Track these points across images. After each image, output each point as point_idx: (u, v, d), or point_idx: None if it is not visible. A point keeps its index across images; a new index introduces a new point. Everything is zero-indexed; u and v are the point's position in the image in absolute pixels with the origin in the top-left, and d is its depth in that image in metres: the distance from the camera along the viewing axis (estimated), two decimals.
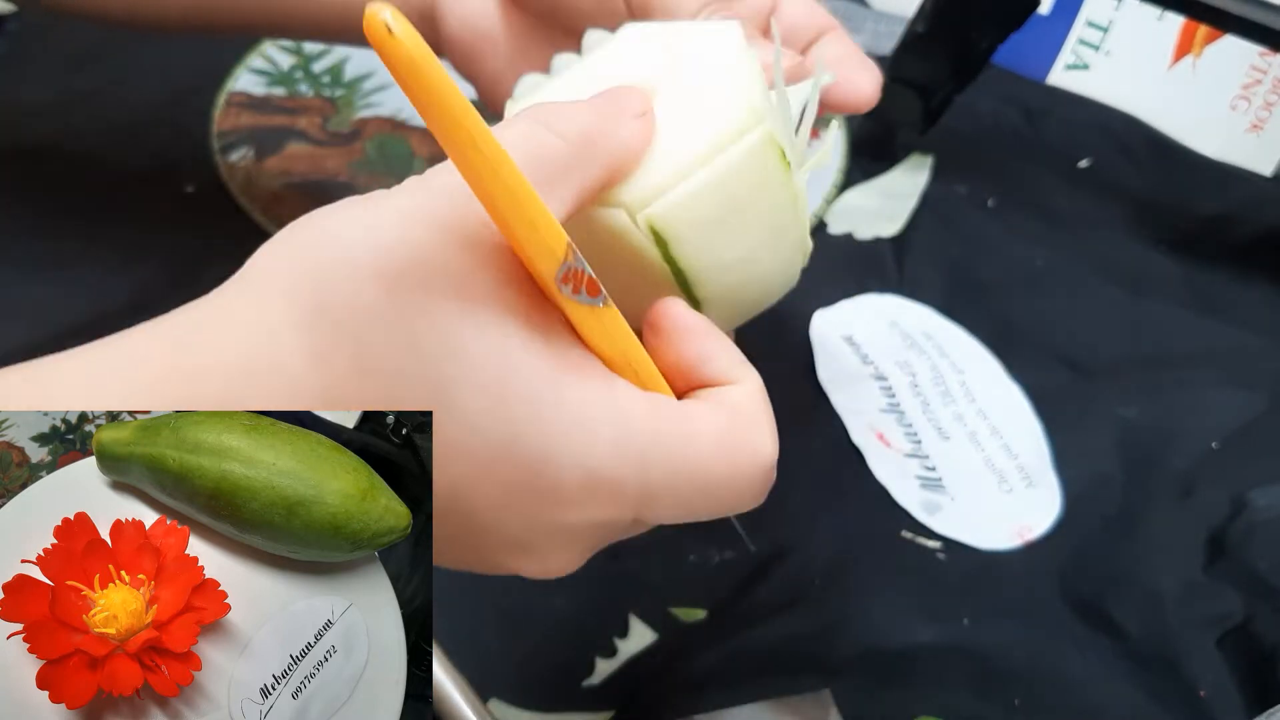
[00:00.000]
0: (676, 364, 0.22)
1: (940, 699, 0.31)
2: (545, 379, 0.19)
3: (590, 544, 0.21)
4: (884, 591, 0.33)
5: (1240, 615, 0.33)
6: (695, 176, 0.22)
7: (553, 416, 0.19)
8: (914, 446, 0.38)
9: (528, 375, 0.19)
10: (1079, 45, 0.53)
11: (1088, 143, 0.50)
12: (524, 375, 0.19)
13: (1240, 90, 0.51)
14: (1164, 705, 0.31)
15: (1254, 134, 0.51)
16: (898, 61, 0.44)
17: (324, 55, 0.53)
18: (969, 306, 0.43)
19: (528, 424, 0.18)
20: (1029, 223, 0.46)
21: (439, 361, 0.18)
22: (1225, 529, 0.35)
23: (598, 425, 0.19)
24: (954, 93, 0.45)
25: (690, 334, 0.21)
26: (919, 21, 0.43)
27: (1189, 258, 0.45)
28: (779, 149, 0.24)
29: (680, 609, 0.33)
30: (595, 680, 0.31)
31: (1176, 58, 0.52)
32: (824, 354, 0.40)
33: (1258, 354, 0.41)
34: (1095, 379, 0.40)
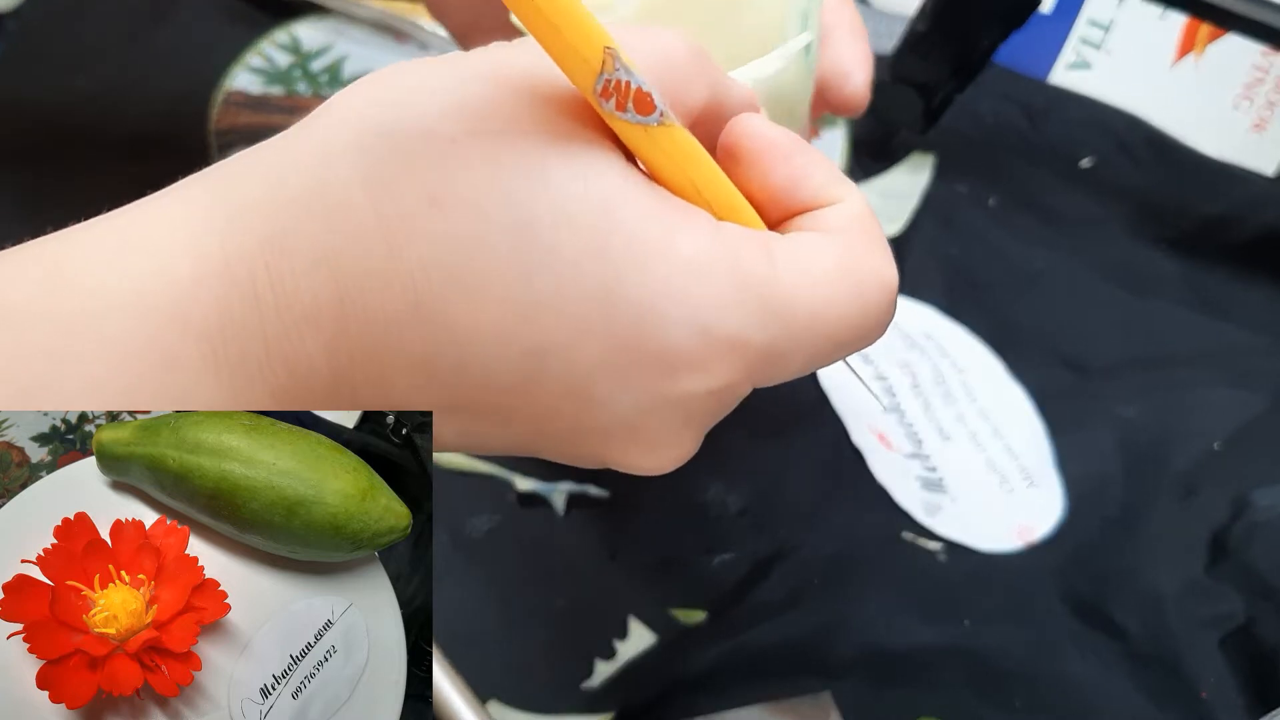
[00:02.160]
0: (765, 190, 0.18)
1: (941, 700, 0.31)
2: (651, 220, 0.16)
3: (705, 420, 0.18)
4: (885, 592, 0.33)
5: (1242, 616, 0.33)
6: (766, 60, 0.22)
7: (660, 264, 0.16)
8: (915, 447, 0.38)
9: (631, 216, 0.16)
10: (1080, 44, 0.53)
11: (1089, 142, 0.50)
12: (626, 216, 0.16)
13: (1242, 89, 0.51)
14: (1165, 706, 0.31)
15: (1256, 133, 0.51)
16: (898, 61, 0.44)
17: (322, 54, 0.53)
18: (970, 306, 0.43)
19: (632, 271, 0.16)
20: (1030, 222, 0.46)
21: (527, 193, 0.15)
22: (1227, 529, 0.35)
23: (712, 273, 0.16)
24: (955, 92, 0.45)
25: (777, 152, 0.18)
26: (920, 20, 0.43)
27: (1191, 257, 0.45)
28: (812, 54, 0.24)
29: (680, 610, 0.33)
30: (594, 682, 0.31)
31: (1178, 57, 0.51)
32: None
33: (1259, 354, 0.41)
34: (1096, 379, 0.40)
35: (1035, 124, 0.51)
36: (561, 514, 0.35)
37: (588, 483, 0.36)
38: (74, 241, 0.16)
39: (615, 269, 0.16)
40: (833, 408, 0.39)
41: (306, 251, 0.15)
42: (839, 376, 0.40)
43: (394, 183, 0.15)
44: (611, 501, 0.35)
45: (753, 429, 0.38)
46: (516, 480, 0.36)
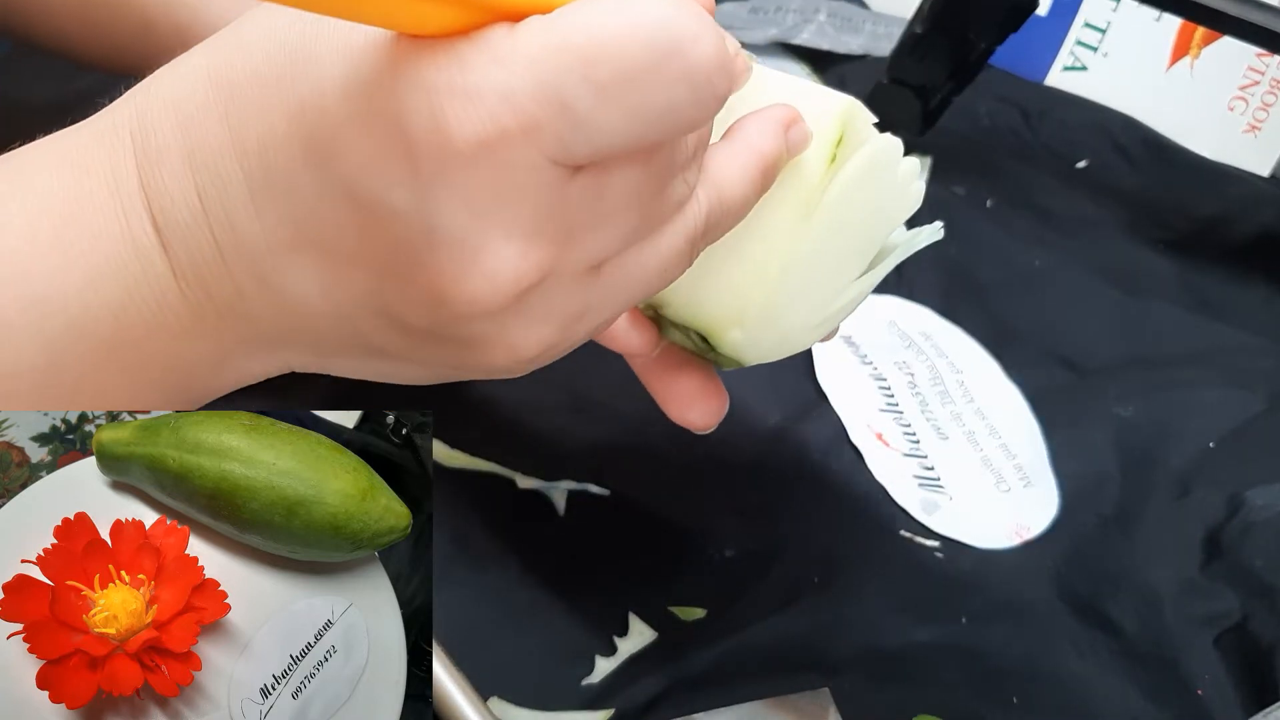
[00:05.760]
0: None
1: (938, 697, 0.31)
2: (403, 45, 0.17)
3: (540, 216, 0.18)
4: (883, 590, 0.33)
5: (1237, 614, 0.33)
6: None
7: (426, 69, 0.16)
8: (912, 446, 0.38)
9: (389, 43, 0.17)
10: (1077, 47, 0.53)
11: (1085, 144, 0.50)
12: (385, 43, 0.17)
13: (1237, 91, 0.51)
14: (1161, 703, 0.31)
15: (1251, 135, 0.51)
16: (896, 62, 0.44)
17: None
18: (967, 307, 0.43)
19: (410, 83, 0.16)
20: (1027, 223, 0.46)
21: (301, 32, 0.18)
22: (1222, 528, 0.35)
23: (471, 59, 0.16)
24: (952, 94, 0.45)
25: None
26: (917, 22, 0.43)
27: (1186, 258, 0.46)
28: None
29: (680, 607, 0.33)
30: (595, 678, 0.31)
31: (1174, 59, 0.52)
32: (823, 354, 0.40)
33: (1254, 354, 0.42)
34: (1092, 378, 0.41)
35: (1032, 126, 0.51)
36: (562, 512, 0.35)
37: (588, 481, 0.36)
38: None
39: (392, 89, 0.17)
40: (831, 407, 0.39)
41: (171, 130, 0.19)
42: (838, 377, 0.40)
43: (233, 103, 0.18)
44: (612, 500, 0.35)
45: (752, 428, 0.38)
46: (517, 479, 0.36)
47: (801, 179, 0.23)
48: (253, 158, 0.18)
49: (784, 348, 0.25)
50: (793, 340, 0.25)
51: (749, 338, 0.24)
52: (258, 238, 0.18)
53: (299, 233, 0.18)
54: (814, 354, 0.40)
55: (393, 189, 0.17)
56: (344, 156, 0.17)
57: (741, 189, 0.21)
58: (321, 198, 0.18)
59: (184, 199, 0.19)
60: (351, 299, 0.19)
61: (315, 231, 0.18)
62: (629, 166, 0.18)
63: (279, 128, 0.18)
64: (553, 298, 0.19)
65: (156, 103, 0.19)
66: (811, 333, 0.25)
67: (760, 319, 0.24)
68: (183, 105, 0.19)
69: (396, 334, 0.19)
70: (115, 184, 0.19)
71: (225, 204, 0.18)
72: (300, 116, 0.18)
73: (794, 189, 0.23)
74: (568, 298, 0.19)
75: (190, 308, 0.19)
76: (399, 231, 0.18)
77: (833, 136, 0.23)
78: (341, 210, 0.18)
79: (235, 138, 0.18)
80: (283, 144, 0.18)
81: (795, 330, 0.25)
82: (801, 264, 0.24)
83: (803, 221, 0.23)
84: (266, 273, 0.19)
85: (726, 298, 0.24)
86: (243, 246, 0.19)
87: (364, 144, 0.17)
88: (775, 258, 0.24)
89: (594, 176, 0.18)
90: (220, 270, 0.19)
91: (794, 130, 0.22)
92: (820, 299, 0.25)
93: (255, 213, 0.18)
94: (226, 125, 0.18)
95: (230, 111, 0.18)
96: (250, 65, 0.18)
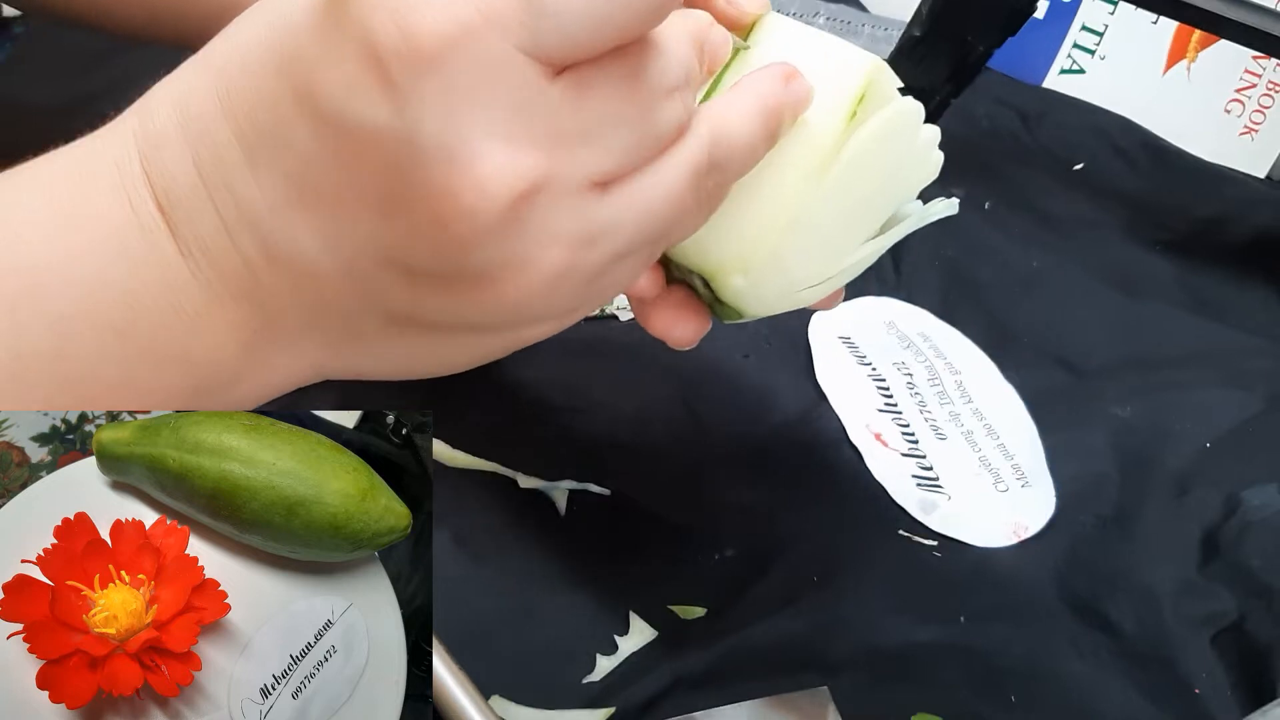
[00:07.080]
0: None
1: (937, 696, 0.31)
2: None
3: (516, 115, 0.18)
4: (881, 589, 0.34)
5: (1234, 614, 0.33)
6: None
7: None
8: (911, 446, 0.38)
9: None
10: (1074, 50, 0.54)
11: (1083, 146, 0.51)
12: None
13: (1234, 94, 0.51)
14: (1159, 702, 0.31)
15: (1247, 137, 0.51)
16: (894, 65, 0.44)
17: None
18: (965, 308, 0.43)
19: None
20: (1025, 225, 0.47)
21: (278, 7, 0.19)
22: (1219, 528, 0.35)
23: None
24: (951, 96, 0.45)
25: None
26: (916, 25, 0.43)
27: (1183, 259, 0.46)
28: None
29: (680, 607, 0.33)
30: (596, 677, 0.31)
31: (1171, 62, 0.52)
32: (822, 355, 0.40)
33: (1252, 354, 0.42)
34: (1090, 379, 0.41)
35: (1030, 128, 0.51)
36: (563, 512, 0.35)
37: (589, 481, 0.36)
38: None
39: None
40: (830, 407, 0.39)
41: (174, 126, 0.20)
42: (837, 377, 0.40)
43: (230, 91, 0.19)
44: (613, 500, 0.36)
45: (752, 428, 0.38)
46: (519, 479, 0.36)
47: (821, 133, 0.23)
48: (243, 119, 0.19)
49: (785, 301, 0.25)
50: (795, 294, 0.25)
51: (752, 286, 0.24)
52: (257, 200, 0.19)
53: (296, 186, 0.19)
54: (814, 354, 0.40)
55: (373, 108, 0.17)
56: (324, 90, 0.18)
57: (743, 129, 0.21)
58: (310, 140, 0.18)
59: (183, 174, 0.19)
60: (355, 247, 0.19)
61: (311, 180, 0.18)
62: (608, 72, 0.18)
63: (265, 86, 0.18)
64: (553, 213, 0.18)
65: (156, 94, 0.20)
66: (814, 290, 0.25)
67: (765, 268, 0.24)
68: (177, 88, 0.20)
69: (407, 286, 0.19)
70: (119, 170, 0.19)
71: (222, 171, 0.19)
72: (281, 69, 0.18)
73: (812, 143, 0.23)
74: (571, 215, 0.19)
75: (201, 287, 0.19)
76: (387, 155, 0.18)
77: (855, 93, 0.23)
78: (331, 147, 0.18)
79: (226, 105, 0.19)
80: (269, 100, 0.18)
81: (799, 284, 0.25)
82: (812, 217, 0.23)
83: (818, 175, 0.23)
84: (270, 236, 0.19)
85: (734, 244, 0.24)
86: (244, 213, 0.19)
87: (339, 72, 0.17)
88: (786, 209, 0.23)
89: (573, 79, 0.18)
90: (225, 242, 0.19)
91: (794, 83, 0.22)
92: (827, 255, 0.24)
93: (252, 175, 0.19)
94: (216, 96, 0.19)
95: (219, 84, 0.19)
96: (236, 44, 0.19)
